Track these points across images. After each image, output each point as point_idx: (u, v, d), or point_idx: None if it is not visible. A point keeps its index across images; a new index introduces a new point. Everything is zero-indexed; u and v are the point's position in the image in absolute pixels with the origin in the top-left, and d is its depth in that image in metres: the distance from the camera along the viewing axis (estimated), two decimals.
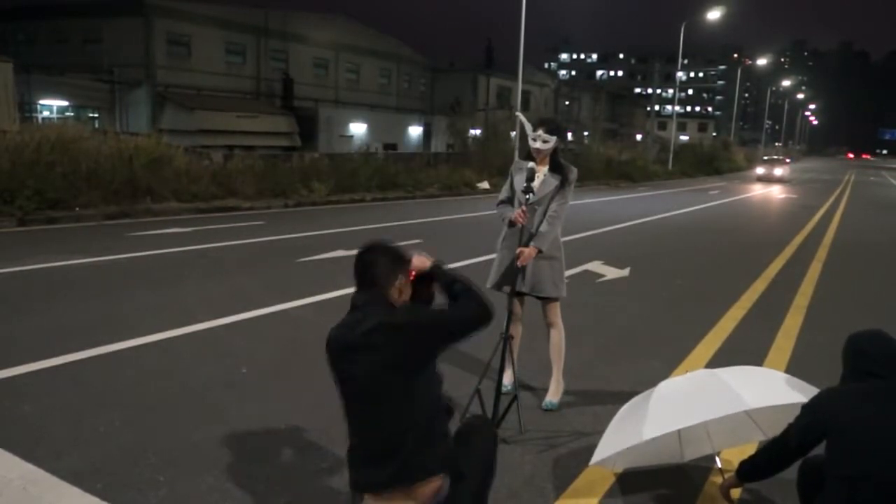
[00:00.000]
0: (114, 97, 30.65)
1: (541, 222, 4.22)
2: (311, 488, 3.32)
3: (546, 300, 4.37)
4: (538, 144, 4.22)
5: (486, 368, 4.11)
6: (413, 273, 2.69)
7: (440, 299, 2.76)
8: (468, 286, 2.67)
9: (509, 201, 4.39)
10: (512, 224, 4.24)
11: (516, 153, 24.91)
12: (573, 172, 4.35)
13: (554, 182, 4.26)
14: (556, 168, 4.29)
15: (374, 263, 2.62)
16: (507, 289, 4.25)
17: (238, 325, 6.00)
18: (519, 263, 4.15)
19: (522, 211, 4.10)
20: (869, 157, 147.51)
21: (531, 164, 4.17)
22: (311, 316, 6.40)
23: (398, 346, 2.44)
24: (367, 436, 2.49)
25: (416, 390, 2.47)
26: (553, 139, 4.23)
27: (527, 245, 4.15)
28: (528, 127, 4.28)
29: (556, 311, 4.40)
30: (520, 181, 4.21)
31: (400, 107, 45.10)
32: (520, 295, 4.37)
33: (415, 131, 42.50)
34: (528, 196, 4.11)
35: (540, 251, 4.18)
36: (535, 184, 4.17)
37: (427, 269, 2.73)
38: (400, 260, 2.66)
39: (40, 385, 4.45)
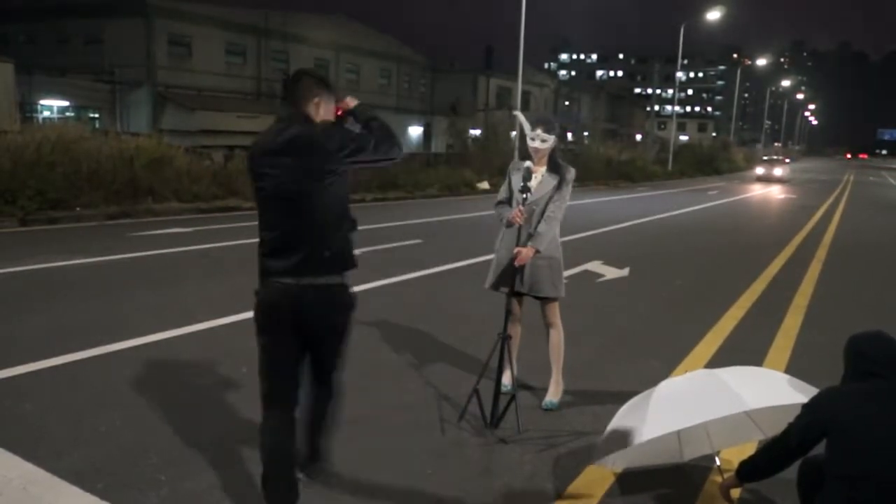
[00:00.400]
0: (114, 97, 30.66)
1: (539, 222, 4.21)
2: (312, 489, 3.32)
3: (545, 300, 4.37)
4: (536, 144, 4.21)
5: (485, 368, 4.12)
6: (340, 110, 3.07)
7: None
8: (384, 123, 3.08)
9: (507, 202, 4.37)
10: (510, 224, 4.23)
11: (516, 153, 24.90)
12: (571, 172, 4.34)
13: (552, 182, 4.25)
14: (554, 168, 4.29)
15: (298, 81, 2.93)
16: (504, 289, 4.26)
17: (238, 325, 6.00)
18: (517, 263, 4.14)
19: (520, 210, 4.09)
20: (865, 156, 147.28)
21: (528, 163, 4.16)
22: None
23: (311, 154, 2.77)
24: (276, 231, 2.85)
25: (323, 196, 2.83)
26: (551, 139, 4.22)
27: (524, 245, 4.15)
28: (527, 126, 4.27)
29: (555, 312, 4.41)
30: (517, 181, 4.18)
31: (400, 107, 45.10)
32: (518, 295, 4.37)
33: (415, 131, 42.53)
34: (525, 195, 4.09)
35: (538, 251, 4.17)
36: (533, 183, 4.17)
37: (351, 107, 3.14)
38: (321, 82, 2.97)
39: (41, 385, 4.46)
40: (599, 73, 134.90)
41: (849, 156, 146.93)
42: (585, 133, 47.41)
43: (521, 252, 4.12)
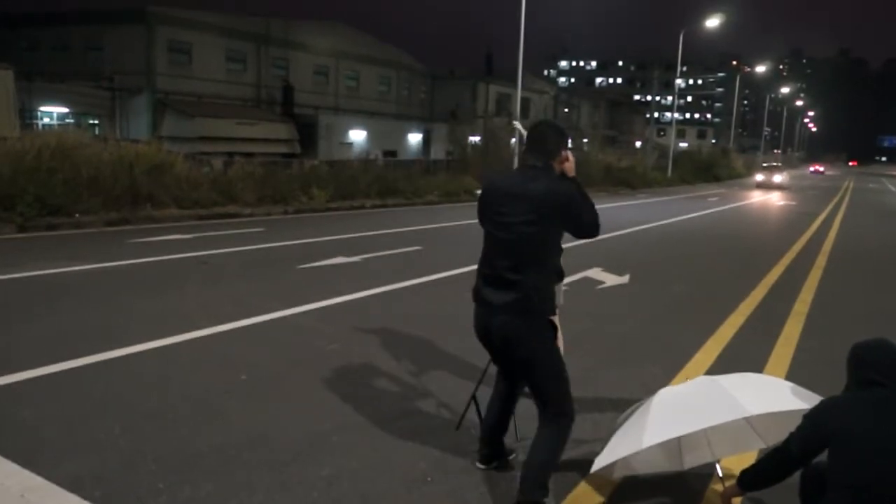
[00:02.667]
0: (114, 104, 30.70)
1: None
2: (311, 497, 3.31)
3: None
4: None
5: (483, 375, 4.10)
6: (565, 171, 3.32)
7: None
8: (593, 206, 3.31)
9: None
10: None
11: (515, 160, 24.94)
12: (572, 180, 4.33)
13: None
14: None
15: (547, 136, 3.26)
16: None
17: (238, 332, 6.00)
18: None
19: None
20: (855, 163, 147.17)
21: None
22: (311, 323, 6.40)
23: (548, 208, 3.06)
24: (500, 268, 3.13)
25: (547, 244, 3.14)
26: None
27: None
28: (525, 135, 4.27)
29: (554, 319, 4.39)
30: None
31: (399, 114, 45.16)
32: None
33: (414, 138, 42.54)
34: None
35: None
36: None
37: (569, 175, 3.34)
38: (564, 137, 3.32)
39: (39, 392, 4.45)
40: (599, 79, 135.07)
41: (854, 163, 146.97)
42: (585, 140, 47.45)
43: None
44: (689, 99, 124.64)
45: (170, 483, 3.36)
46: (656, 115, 75.72)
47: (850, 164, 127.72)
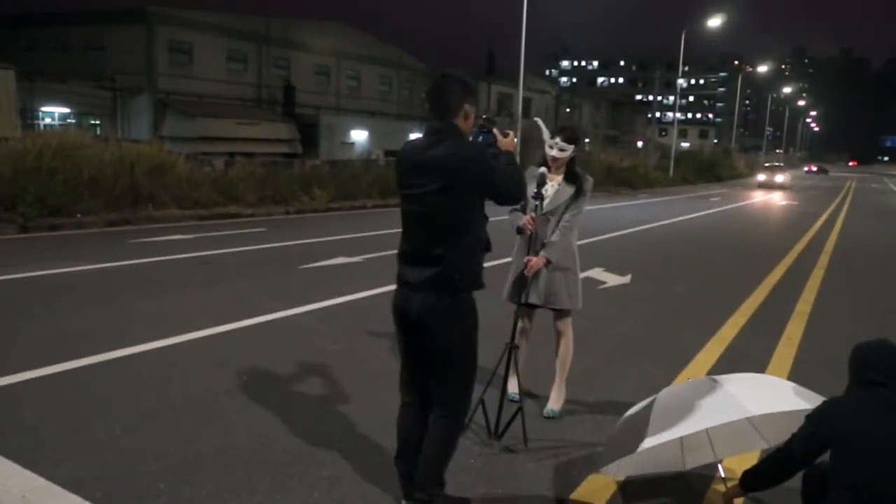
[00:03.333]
0: (115, 104, 30.73)
1: (553, 232, 4.17)
2: (313, 497, 3.30)
3: (559, 312, 4.34)
4: (555, 152, 4.15)
5: (492, 377, 4.09)
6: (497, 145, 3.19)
7: None
8: (518, 172, 3.11)
9: (522, 209, 4.24)
10: (521, 231, 4.18)
11: (517, 159, 24.90)
12: (589, 182, 4.29)
13: (569, 191, 4.20)
14: (571, 177, 4.23)
15: (445, 90, 2.96)
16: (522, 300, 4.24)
17: (239, 333, 5.99)
18: (527, 272, 4.11)
19: (532, 218, 4.05)
20: (854, 163, 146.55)
21: (543, 168, 4.11)
22: (312, 323, 6.40)
23: (455, 173, 2.83)
24: (417, 244, 2.94)
25: (462, 214, 2.89)
26: (570, 148, 4.16)
27: (536, 254, 4.13)
28: (546, 133, 4.20)
29: (567, 323, 4.37)
30: (532, 188, 4.08)
31: (401, 114, 45.16)
32: (531, 307, 4.33)
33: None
34: (537, 202, 4.04)
35: (549, 261, 4.14)
36: (549, 191, 4.12)
37: (501, 150, 3.19)
38: (469, 89, 3.03)
39: (40, 392, 4.44)
40: (600, 79, 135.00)
41: (853, 163, 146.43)
42: (586, 140, 47.42)
43: (531, 261, 4.09)
44: (691, 99, 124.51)
45: (170, 483, 3.35)
46: (658, 114, 75.61)
47: (850, 164, 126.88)
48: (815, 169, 38.89)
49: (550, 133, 4.20)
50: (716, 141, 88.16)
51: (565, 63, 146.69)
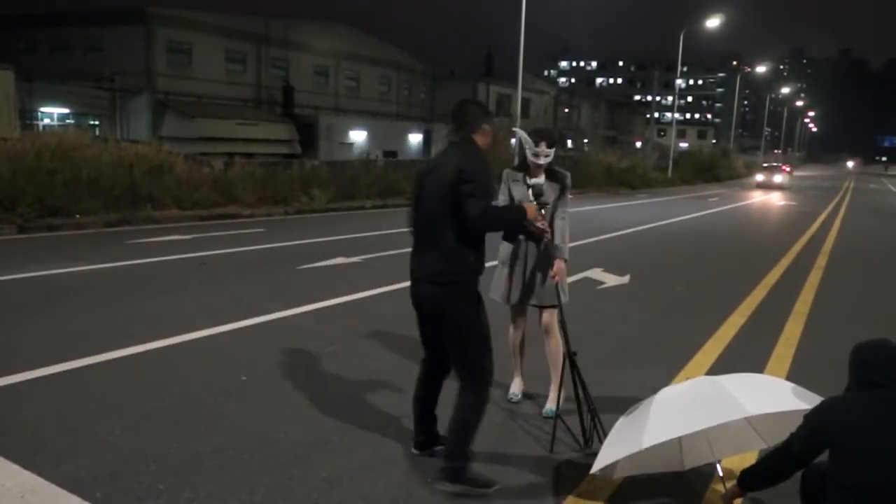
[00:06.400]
0: (115, 105, 30.72)
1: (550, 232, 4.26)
2: (312, 498, 3.31)
3: (546, 307, 4.38)
4: (540, 160, 4.24)
5: (560, 390, 4.14)
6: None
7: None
8: (517, 225, 3.76)
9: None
10: (527, 237, 4.24)
11: (516, 159, 24.92)
12: (569, 178, 4.42)
13: (554, 191, 4.32)
14: (553, 176, 4.34)
15: (466, 109, 3.46)
16: (533, 302, 4.34)
17: (238, 333, 5.99)
18: (556, 279, 4.16)
19: (545, 224, 4.07)
20: (855, 163, 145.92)
21: (534, 179, 4.18)
22: (311, 324, 6.40)
23: (453, 180, 3.20)
24: (421, 239, 3.44)
25: (455, 216, 3.23)
26: (552, 151, 4.27)
27: (539, 255, 4.24)
28: (529, 143, 4.26)
29: (553, 318, 4.41)
30: (520, 193, 4.25)
31: (400, 114, 45.19)
32: (523, 305, 4.45)
33: (415, 139, 42.56)
34: (542, 211, 4.08)
35: (566, 261, 4.27)
36: (546, 199, 4.19)
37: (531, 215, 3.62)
38: (489, 115, 3.54)
39: (40, 393, 4.44)
40: (599, 80, 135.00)
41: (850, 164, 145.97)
42: (585, 140, 47.44)
43: (560, 267, 4.18)
44: (690, 99, 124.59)
45: (170, 484, 3.35)
46: (656, 115, 75.62)
47: (848, 163, 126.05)
48: (787, 169, 36.44)
49: (533, 142, 4.24)
50: (714, 141, 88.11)
51: (564, 63, 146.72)
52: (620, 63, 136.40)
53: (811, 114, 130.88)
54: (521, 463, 3.73)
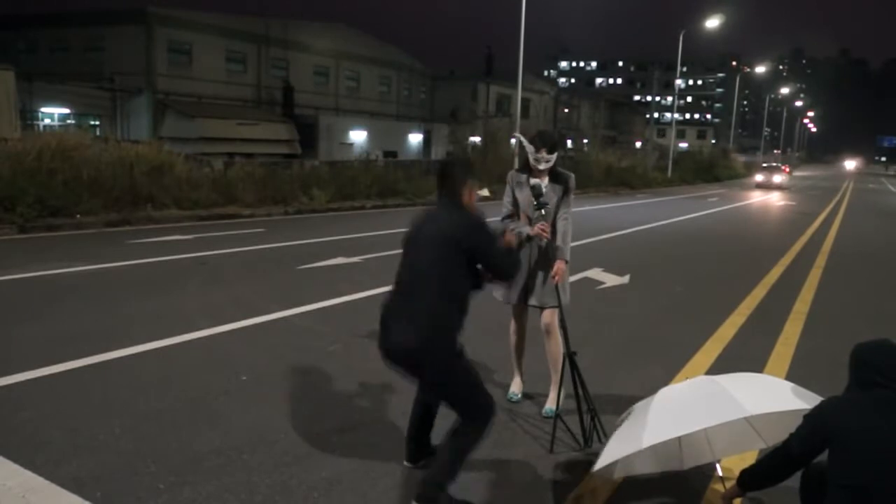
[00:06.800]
0: (115, 105, 30.71)
1: (553, 234, 4.29)
2: (312, 498, 3.31)
3: (547, 307, 4.38)
4: (542, 165, 4.27)
5: (560, 390, 4.14)
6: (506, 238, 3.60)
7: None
8: (516, 260, 3.65)
9: (515, 214, 4.43)
10: (529, 239, 4.28)
11: (516, 160, 24.93)
12: (572, 179, 4.42)
13: (556, 192, 4.33)
14: (555, 178, 4.36)
15: (450, 174, 3.45)
16: (532, 303, 4.36)
17: (238, 333, 6.00)
18: (557, 280, 4.19)
19: (543, 227, 4.14)
20: (856, 162, 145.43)
21: (535, 181, 4.23)
22: (311, 323, 6.40)
23: (449, 240, 3.20)
24: (405, 294, 3.24)
25: (450, 269, 3.20)
26: (554, 156, 4.29)
27: (539, 256, 4.26)
28: (530, 148, 4.30)
29: (554, 318, 4.42)
30: (525, 196, 4.28)
31: (400, 114, 45.17)
32: (524, 305, 4.45)
33: (415, 139, 42.57)
34: (541, 212, 4.16)
35: (566, 262, 4.29)
36: (545, 200, 4.22)
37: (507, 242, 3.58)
38: (471, 173, 3.51)
39: (40, 393, 4.45)
40: (599, 80, 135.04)
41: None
42: (585, 140, 47.43)
43: (560, 268, 4.21)
44: (689, 99, 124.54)
45: (170, 484, 3.36)
46: (656, 115, 75.69)
47: (844, 164, 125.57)
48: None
49: (534, 147, 4.27)
50: (714, 141, 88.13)
51: (564, 64, 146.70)
52: (620, 63, 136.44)
53: (811, 114, 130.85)
54: (521, 463, 3.73)
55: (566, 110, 61.89)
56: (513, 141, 26.61)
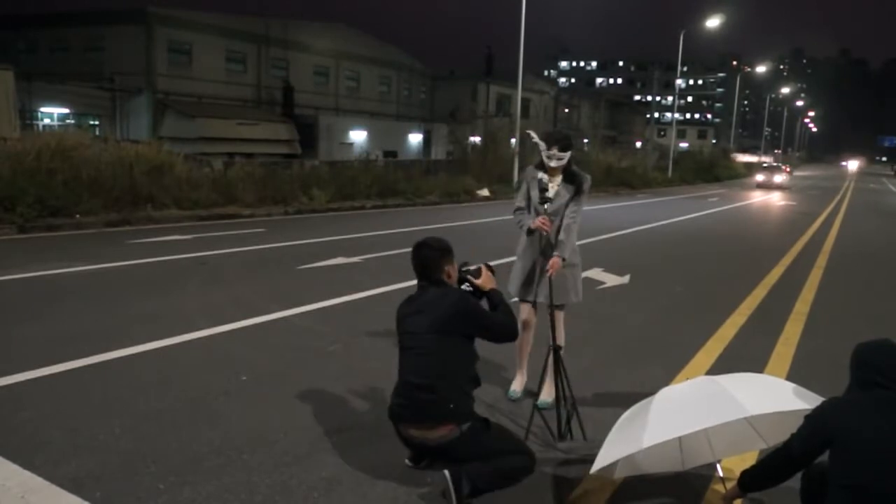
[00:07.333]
0: (115, 105, 30.71)
1: (558, 231, 4.33)
2: (312, 498, 3.31)
3: (557, 306, 4.41)
4: (553, 163, 4.32)
5: (541, 382, 4.18)
6: (475, 285, 3.59)
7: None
8: (509, 312, 3.54)
9: (526, 208, 4.49)
10: (531, 231, 4.37)
11: (516, 160, 24.94)
12: (587, 181, 4.46)
13: (569, 191, 4.37)
14: (569, 178, 4.40)
15: (428, 261, 3.46)
16: (530, 298, 4.42)
17: (238, 333, 5.99)
18: (551, 275, 4.23)
19: (544, 220, 4.21)
20: (857, 161, 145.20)
21: (542, 174, 4.28)
22: (311, 323, 6.40)
23: (446, 318, 3.28)
24: (409, 377, 3.30)
25: (451, 353, 3.29)
26: (567, 154, 4.33)
27: (544, 252, 4.30)
28: (542, 146, 4.34)
29: (561, 318, 4.45)
30: (535, 190, 4.34)
31: (400, 114, 45.17)
32: (534, 303, 4.50)
33: (415, 139, 42.57)
34: (545, 206, 4.22)
35: (563, 259, 4.29)
36: (550, 193, 4.28)
37: (485, 289, 3.59)
38: (447, 252, 3.51)
39: (39, 393, 4.44)
40: (599, 80, 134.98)
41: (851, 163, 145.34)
42: (585, 140, 47.43)
43: (555, 264, 4.23)
44: (690, 99, 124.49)
45: (170, 484, 3.35)
46: (656, 115, 75.76)
47: (842, 164, 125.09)
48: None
49: (546, 145, 4.30)
50: (714, 141, 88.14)
51: (564, 63, 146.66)
52: (620, 63, 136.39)
53: (811, 114, 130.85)
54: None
55: (566, 110, 61.89)
56: (513, 141, 26.62)
